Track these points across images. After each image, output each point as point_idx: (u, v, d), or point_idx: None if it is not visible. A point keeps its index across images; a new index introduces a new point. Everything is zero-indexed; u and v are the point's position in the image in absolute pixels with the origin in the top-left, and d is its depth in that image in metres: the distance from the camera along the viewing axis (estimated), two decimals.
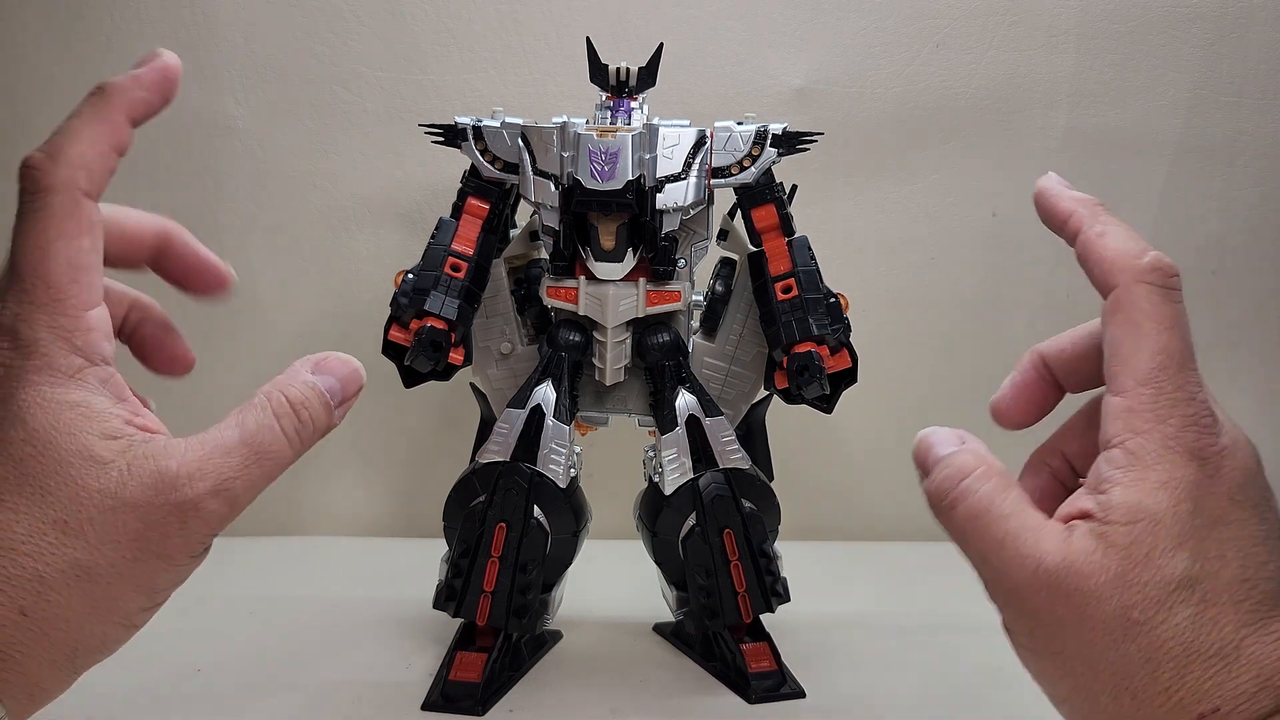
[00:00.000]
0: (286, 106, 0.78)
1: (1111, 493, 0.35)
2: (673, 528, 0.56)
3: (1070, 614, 0.34)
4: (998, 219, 0.82)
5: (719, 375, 0.58)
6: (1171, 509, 0.34)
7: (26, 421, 0.34)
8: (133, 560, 0.34)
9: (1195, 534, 0.34)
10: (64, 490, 0.34)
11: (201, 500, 0.35)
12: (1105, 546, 0.34)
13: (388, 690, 0.54)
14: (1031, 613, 0.35)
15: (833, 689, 0.55)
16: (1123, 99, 0.81)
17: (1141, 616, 0.33)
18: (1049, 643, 0.35)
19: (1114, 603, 0.33)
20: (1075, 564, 0.34)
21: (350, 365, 0.41)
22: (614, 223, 0.52)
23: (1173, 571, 0.33)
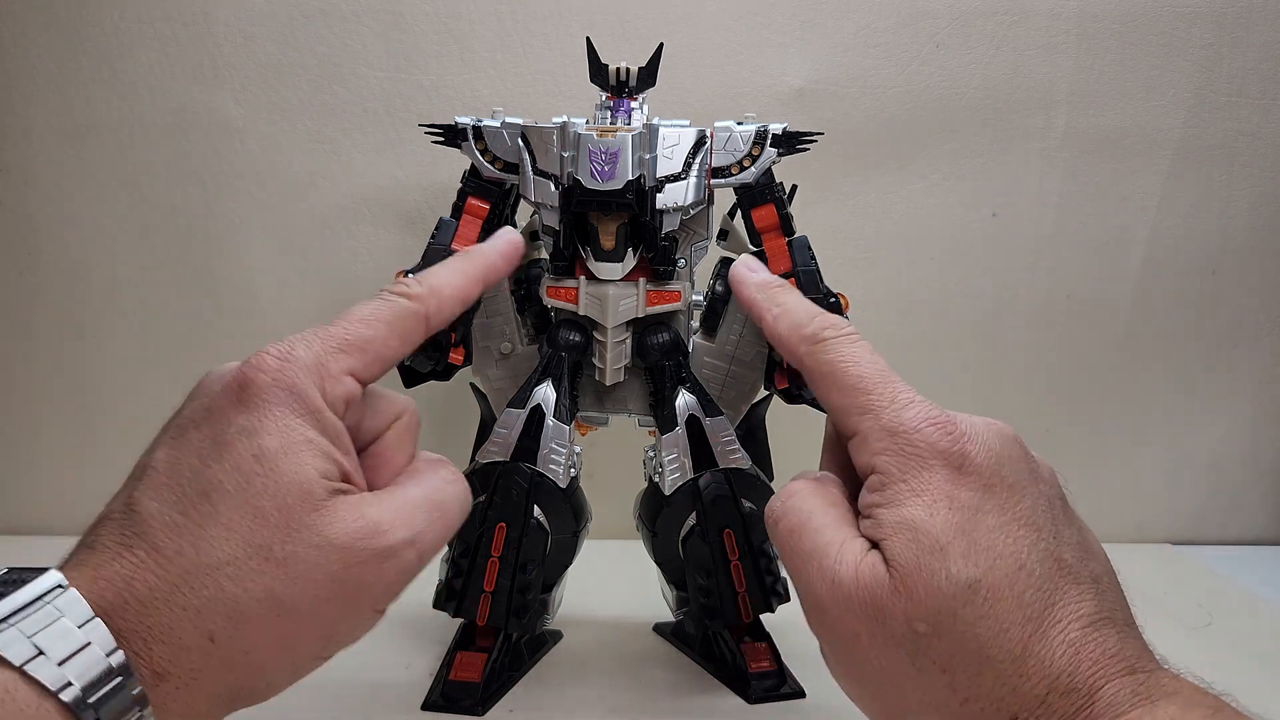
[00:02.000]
0: (286, 106, 0.78)
1: (877, 514, 0.35)
2: (673, 528, 0.56)
3: (864, 630, 0.34)
4: (998, 219, 0.82)
5: (719, 375, 0.58)
6: (927, 511, 0.34)
7: (260, 437, 0.34)
8: (324, 601, 0.34)
9: (960, 531, 0.33)
10: (279, 518, 0.33)
11: (400, 548, 0.36)
12: (887, 561, 0.34)
13: (388, 690, 0.54)
14: (831, 629, 0.35)
15: (833, 689, 0.55)
16: (1123, 99, 0.81)
17: (926, 628, 0.33)
18: (854, 665, 0.35)
19: (900, 615, 0.33)
20: (863, 579, 0.34)
21: None
22: (614, 223, 0.52)
23: (951, 575, 0.33)
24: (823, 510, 0.37)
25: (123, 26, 0.76)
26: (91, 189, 0.78)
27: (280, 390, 0.35)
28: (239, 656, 0.33)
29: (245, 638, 0.33)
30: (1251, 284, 0.84)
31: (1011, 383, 0.84)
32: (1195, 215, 0.83)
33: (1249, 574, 0.78)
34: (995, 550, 0.33)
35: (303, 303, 0.79)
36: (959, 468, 0.35)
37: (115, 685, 0.30)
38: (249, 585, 0.33)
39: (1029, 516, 0.34)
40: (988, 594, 0.33)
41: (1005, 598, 0.33)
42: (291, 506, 0.34)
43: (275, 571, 0.33)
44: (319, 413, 0.36)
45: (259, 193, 0.78)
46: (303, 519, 0.34)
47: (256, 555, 0.33)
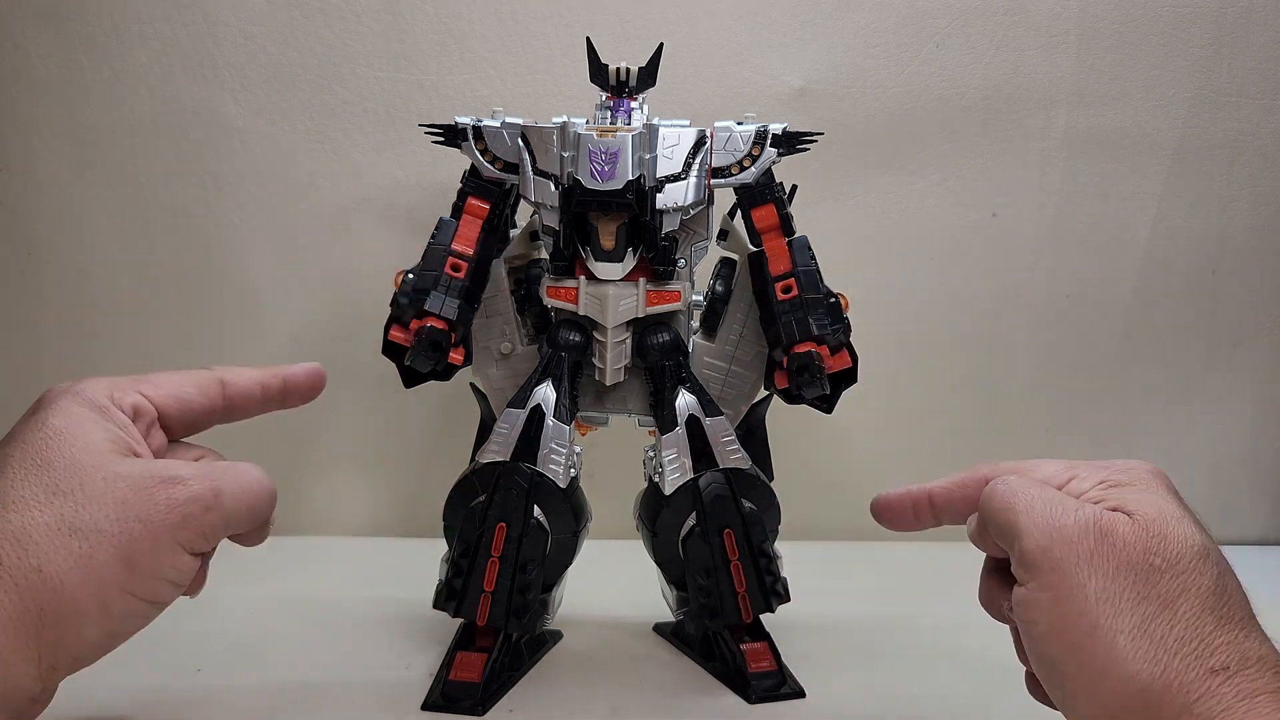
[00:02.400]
0: (286, 106, 0.78)
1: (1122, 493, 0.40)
2: (673, 528, 0.56)
3: (1101, 551, 0.37)
4: (998, 219, 0.82)
5: (719, 375, 0.58)
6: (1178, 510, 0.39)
7: (49, 423, 0.39)
8: (117, 521, 0.37)
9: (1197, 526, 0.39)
10: (63, 463, 0.38)
11: (189, 479, 0.39)
12: (1130, 518, 0.38)
13: (388, 690, 0.54)
14: (1064, 553, 0.37)
15: (833, 689, 0.55)
16: (1123, 99, 0.81)
17: (1163, 564, 0.36)
18: (1077, 585, 0.37)
19: (1139, 548, 0.37)
20: (1107, 518, 0.38)
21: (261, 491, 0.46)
22: (614, 223, 0.52)
23: (1189, 535, 0.37)
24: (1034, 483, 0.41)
25: (123, 26, 0.76)
26: (91, 189, 0.78)
27: (68, 394, 0.41)
28: (31, 575, 0.35)
29: (32, 557, 0.36)
30: (1251, 284, 0.84)
31: (1011, 382, 0.84)
32: (1195, 215, 0.83)
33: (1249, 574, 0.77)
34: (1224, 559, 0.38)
35: (303, 303, 0.79)
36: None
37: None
38: (35, 515, 0.36)
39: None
40: (1222, 572, 0.37)
41: (1233, 585, 0.37)
42: (78, 456, 0.38)
43: (63, 501, 0.37)
44: (105, 408, 0.41)
45: (259, 193, 0.78)
46: (89, 462, 0.38)
47: (44, 492, 0.37)
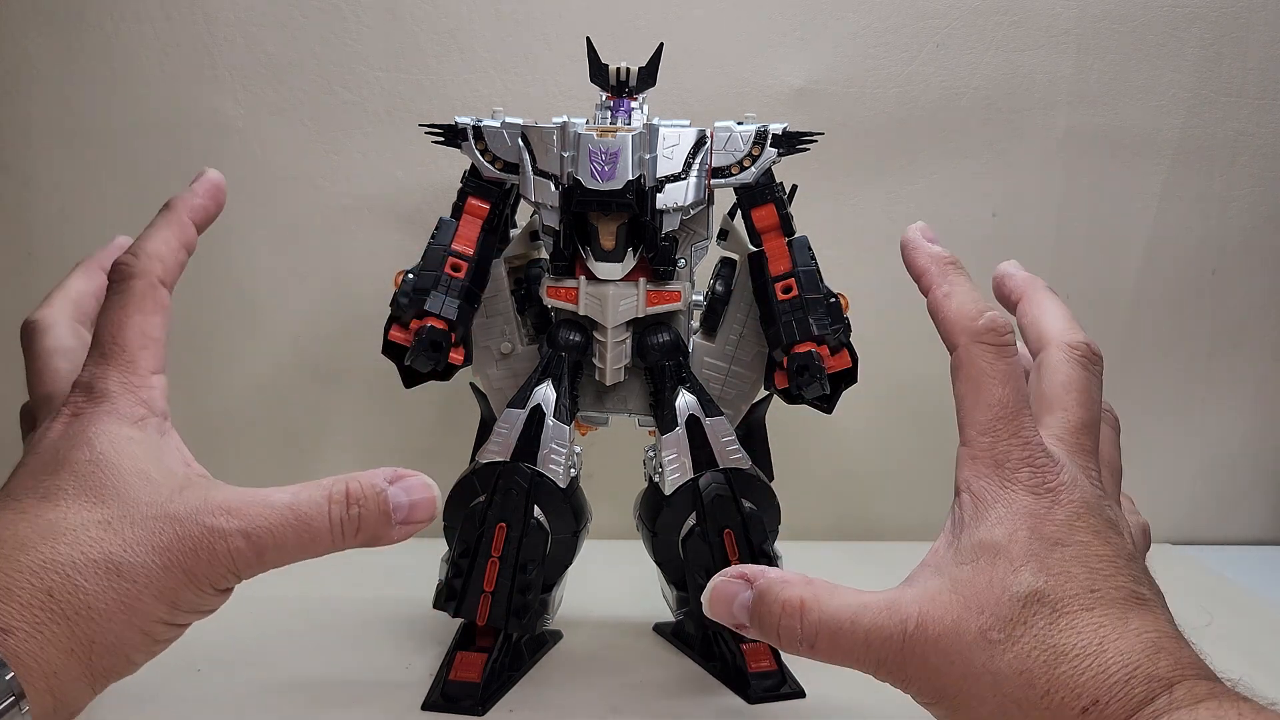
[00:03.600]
0: (286, 106, 0.78)
1: (962, 537, 0.39)
2: (673, 528, 0.56)
3: (939, 656, 0.36)
4: (998, 219, 0.82)
5: (719, 375, 0.58)
6: (1008, 536, 0.37)
7: (94, 446, 0.39)
8: (162, 568, 0.37)
9: (1036, 555, 0.37)
10: (116, 499, 0.38)
11: (231, 535, 0.38)
12: (952, 585, 0.37)
13: (388, 690, 0.54)
14: (914, 675, 0.37)
15: (833, 689, 0.55)
16: (1123, 99, 0.81)
17: (1000, 635, 0.36)
18: (936, 691, 0.37)
19: (972, 630, 0.36)
20: (929, 613, 0.37)
21: (429, 492, 0.42)
22: (614, 223, 0.52)
23: (1019, 589, 0.36)
24: (830, 596, 0.40)
25: (123, 27, 0.76)
26: (91, 189, 0.78)
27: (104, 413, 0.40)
28: (81, 611, 0.36)
29: (82, 594, 0.36)
30: (1251, 284, 0.84)
31: None
32: (1195, 215, 0.83)
33: (1249, 574, 0.78)
34: (1069, 575, 0.36)
35: (303, 303, 0.79)
36: (1050, 506, 0.38)
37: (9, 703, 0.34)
38: (86, 550, 0.36)
39: (1108, 557, 0.37)
40: (1058, 604, 0.35)
41: (1075, 609, 0.35)
42: (129, 490, 0.38)
43: (112, 539, 0.37)
44: (141, 420, 0.40)
45: (259, 193, 0.78)
46: (142, 498, 0.38)
47: (95, 526, 0.37)
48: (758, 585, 0.40)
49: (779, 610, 0.39)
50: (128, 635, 0.37)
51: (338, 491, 0.41)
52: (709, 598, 0.42)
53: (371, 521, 0.41)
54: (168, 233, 0.45)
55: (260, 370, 0.80)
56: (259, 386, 0.80)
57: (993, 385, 0.41)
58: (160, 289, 0.43)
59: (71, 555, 0.36)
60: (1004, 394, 0.40)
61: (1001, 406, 0.40)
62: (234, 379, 0.80)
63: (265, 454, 0.81)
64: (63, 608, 0.35)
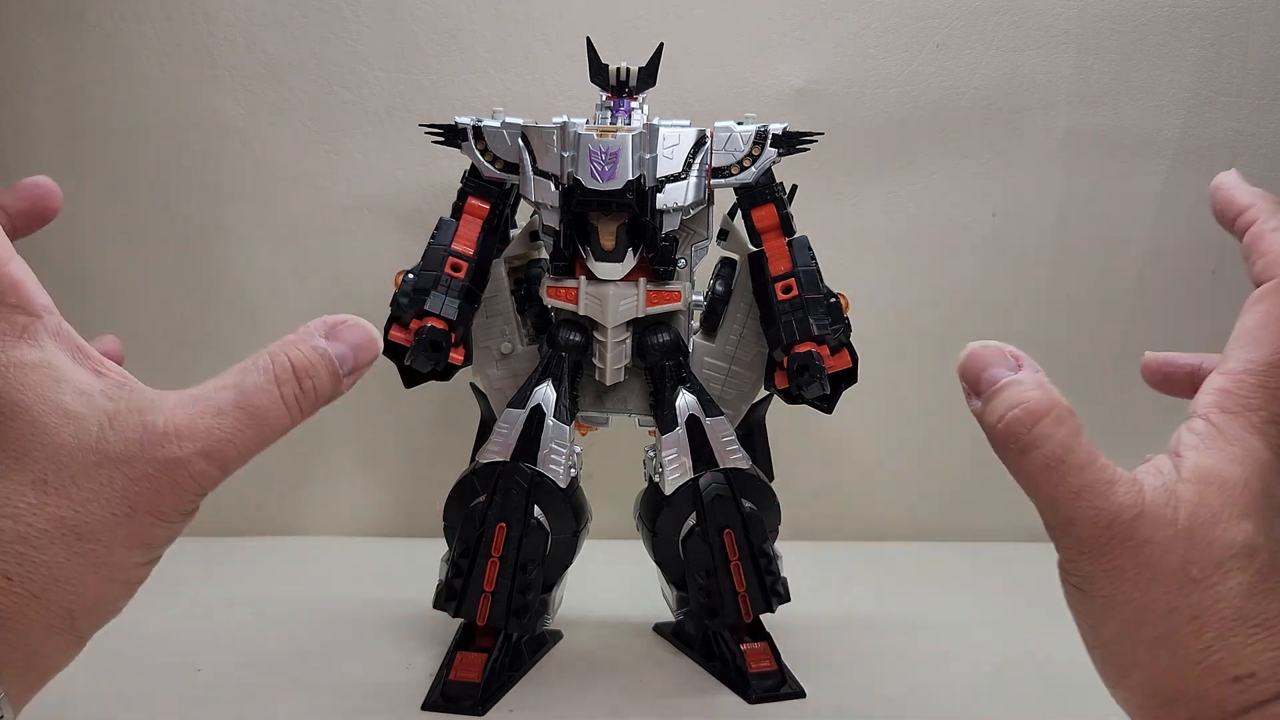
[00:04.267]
0: (286, 106, 0.78)
1: (1188, 455, 0.36)
2: (673, 528, 0.56)
3: (1133, 563, 0.34)
4: (998, 219, 0.82)
5: (719, 375, 0.58)
6: (1243, 480, 0.35)
7: (8, 398, 0.33)
8: (125, 516, 0.33)
9: (1262, 510, 0.35)
10: (40, 450, 0.33)
11: (191, 460, 0.34)
12: (1176, 502, 0.35)
13: (388, 690, 0.54)
14: (1095, 557, 0.35)
15: (833, 689, 0.55)
16: (1123, 99, 0.81)
17: (1200, 574, 0.34)
18: (1105, 586, 0.35)
19: (1177, 557, 0.34)
20: (1146, 517, 0.34)
21: (365, 331, 0.39)
22: (614, 223, 0.52)
23: (1235, 536, 0.34)
24: (1075, 439, 0.36)
25: (123, 27, 0.76)
26: (91, 189, 0.78)
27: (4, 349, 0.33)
28: (49, 585, 0.32)
29: (46, 567, 0.32)
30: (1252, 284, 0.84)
31: None
32: (1195, 215, 0.82)
33: None
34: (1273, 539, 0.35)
35: (303, 303, 0.79)
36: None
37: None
38: (32, 519, 0.32)
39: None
40: (1265, 569, 0.34)
41: (1277, 579, 0.34)
42: (53, 436, 0.33)
43: (57, 500, 0.32)
44: (25, 330, 0.34)
45: (259, 193, 0.78)
46: (70, 442, 0.33)
47: (31, 490, 0.32)
48: (1024, 371, 0.38)
49: (1022, 399, 0.36)
50: (107, 590, 0.34)
51: (282, 369, 0.37)
52: (970, 352, 0.39)
53: (325, 388, 0.38)
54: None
55: None
56: None
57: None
58: None
59: (17, 530, 0.32)
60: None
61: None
62: None
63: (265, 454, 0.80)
64: (28, 587, 0.32)
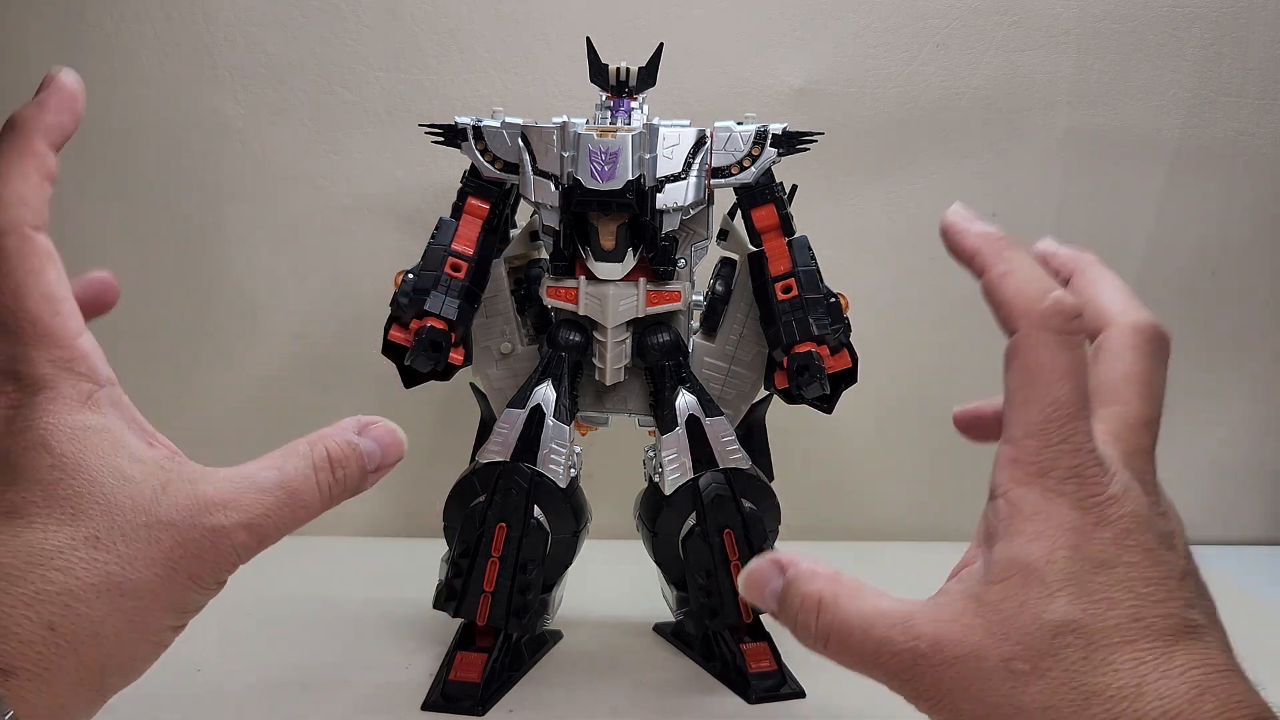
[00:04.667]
0: (286, 106, 0.78)
1: (993, 548, 0.35)
2: (673, 528, 0.56)
3: (956, 681, 0.34)
4: (998, 219, 0.81)
5: (719, 375, 0.58)
6: (1045, 557, 0.34)
7: (52, 448, 0.34)
8: (167, 578, 0.34)
9: (1075, 579, 0.33)
10: (97, 508, 0.34)
11: (235, 531, 0.36)
12: (976, 606, 0.34)
13: (388, 690, 0.54)
14: (925, 695, 0.35)
15: (833, 689, 0.55)
16: (1123, 99, 0.81)
17: (1025, 667, 0.33)
18: (951, 716, 0.34)
19: (994, 658, 0.33)
20: (948, 634, 0.34)
21: (394, 435, 0.42)
22: (614, 223, 0.52)
23: (1051, 617, 0.33)
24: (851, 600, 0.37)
25: (123, 27, 0.76)
26: (91, 189, 0.78)
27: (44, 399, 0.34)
28: (88, 639, 0.33)
29: (88, 622, 0.33)
30: (1251, 284, 0.84)
31: None
32: (1195, 215, 0.83)
33: (1249, 574, 0.78)
34: (1111, 601, 0.33)
35: (303, 303, 0.79)
36: (1096, 523, 0.34)
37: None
38: (81, 574, 0.33)
39: (1157, 580, 0.34)
40: (1095, 637, 0.32)
41: (1114, 642, 0.32)
42: (110, 495, 0.34)
43: (106, 556, 0.33)
44: (89, 399, 0.35)
45: (259, 193, 0.78)
46: (125, 503, 0.34)
47: (84, 545, 0.33)
48: (789, 574, 0.38)
49: (799, 603, 0.37)
50: (139, 650, 0.35)
51: (320, 458, 0.39)
52: (745, 579, 0.39)
53: (354, 479, 0.40)
54: (21, 167, 0.38)
55: (260, 370, 0.80)
56: (259, 386, 0.80)
57: (1051, 381, 0.36)
58: (37, 238, 0.36)
59: (66, 582, 0.33)
60: (1062, 392, 0.35)
61: (1056, 407, 0.35)
62: (234, 379, 0.80)
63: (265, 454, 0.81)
64: (69, 639, 0.33)
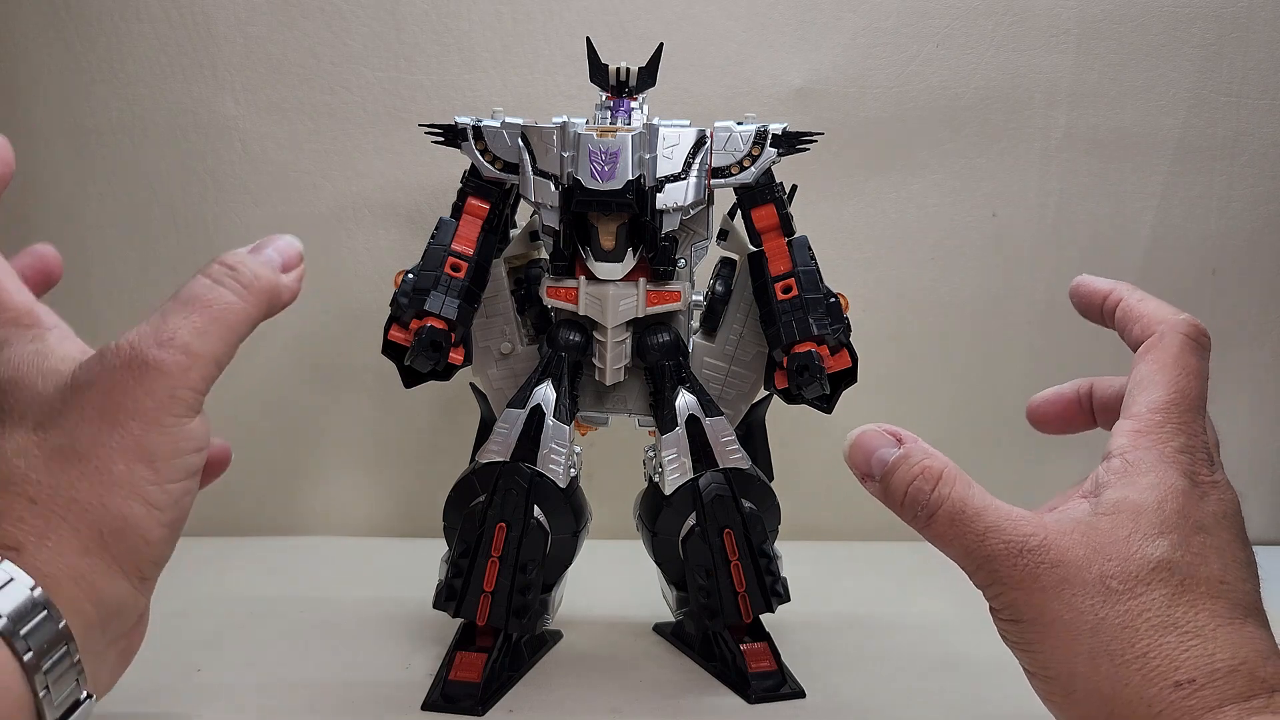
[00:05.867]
0: (286, 106, 0.78)
1: (1104, 493, 0.38)
2: (673, 528, 0.56)
3: (1053, 580, 0.36)
4: (998, 219, 0.82)
5: (719, 375, 0.58)
6: (1156, 503, 0.37)
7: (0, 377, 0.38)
8: (110, 427, 0.37)
9: (1179, 529, 0.37)
10: (31, 404, 0.37)
11: (147, 353, 0.38)
12: (1086, 529, 0.37)
13: (388, 690, 0.54)
14: (1017, 584, 0.37)
15: (833, 689, 0.55)
16: (1123, 99, 0.81)
17: (1120, 585, 0.36)
18: (1032, 609, 0.37)
19: (1093, 571, 0.36)
20: (1056, 540, 0.37)
21: (283, 238, 0.44)
22: (614, 223, 0.52)
23: (1152, 553, 0.36)
24: (969, 490, 0.39)
25: (123, 26, 0.76)
26: (91, 189, 0.78)
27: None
28: (69, 506, 0.36)
29: (59, 490, 0.36)
30: (1251, 284, 0.84)
31: (1011, 382, 0.84)
32: (1195, 215, 0.83)
33: None
34: (1205, 560, 0.37)
35: (303, 303, 0.79)
36: (1201, 496, 0.38)
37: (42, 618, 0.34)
38: (34, 454, 0.36)
39: (1244, 562, 0.38)
40: (1186, 582, 0.36)
41: (1201, 593, 0.35)
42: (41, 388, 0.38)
43: (49, 433, 0.37)
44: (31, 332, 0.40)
45: (259, 193, 0.78)
46: (51, 387, 0.38)
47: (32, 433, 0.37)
48: (906, 445, 0.41)
49: (917, 471, 0.39)
50: (127, 509, 0.37)
51: (209, 267, 0.41)
52: (853, 443, 0.42)
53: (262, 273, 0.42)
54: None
55: (260, 370, 0.80)
56: (259, 386, 0.80)
57: (1183, 374, 0.40)
58: None
59: (28, 464, 0.36)
60: (1190, 386, 0.40)
61: (1183, 395, 0.40)
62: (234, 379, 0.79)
63: (265, 454, 0.81)
64: (52, 509, 0.36)
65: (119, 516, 0.36)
